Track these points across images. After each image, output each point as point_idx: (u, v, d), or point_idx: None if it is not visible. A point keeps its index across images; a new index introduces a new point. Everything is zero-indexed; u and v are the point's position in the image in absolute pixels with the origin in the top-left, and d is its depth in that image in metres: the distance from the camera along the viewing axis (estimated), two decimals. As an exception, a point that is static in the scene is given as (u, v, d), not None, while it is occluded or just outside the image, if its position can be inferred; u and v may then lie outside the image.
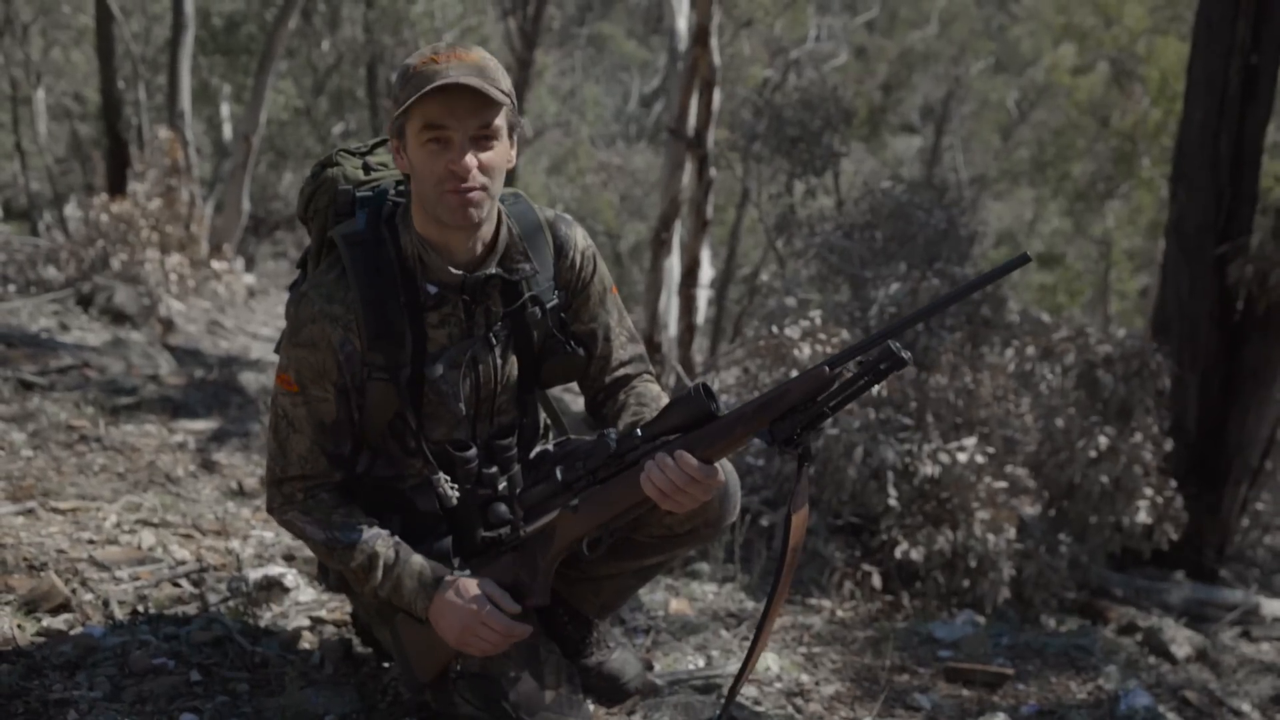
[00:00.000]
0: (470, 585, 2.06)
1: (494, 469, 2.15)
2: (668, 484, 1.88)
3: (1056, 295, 17.25)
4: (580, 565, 2.18)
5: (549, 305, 2.19)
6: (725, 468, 2.07)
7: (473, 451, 2.16)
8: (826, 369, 1.79)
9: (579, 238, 2.24)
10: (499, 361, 2.16)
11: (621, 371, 2.29)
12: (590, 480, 2.00)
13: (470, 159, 1.95)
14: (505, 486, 2.16)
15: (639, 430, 1.96)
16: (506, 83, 2.00)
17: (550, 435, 2.42)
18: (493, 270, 2.09)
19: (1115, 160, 16.44)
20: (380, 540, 2.09)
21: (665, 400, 2.25)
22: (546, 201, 15.20)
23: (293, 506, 2.13)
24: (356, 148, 2.32)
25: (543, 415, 2.37)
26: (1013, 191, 21.28)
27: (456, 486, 2.15)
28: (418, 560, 2.09)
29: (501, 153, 2.00)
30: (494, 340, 2.15)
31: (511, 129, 2.03)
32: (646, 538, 2.19)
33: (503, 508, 2.10)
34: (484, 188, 1.98)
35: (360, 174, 2.24)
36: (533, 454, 2.33)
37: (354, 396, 2.10)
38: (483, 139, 1.96)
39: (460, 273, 2.07)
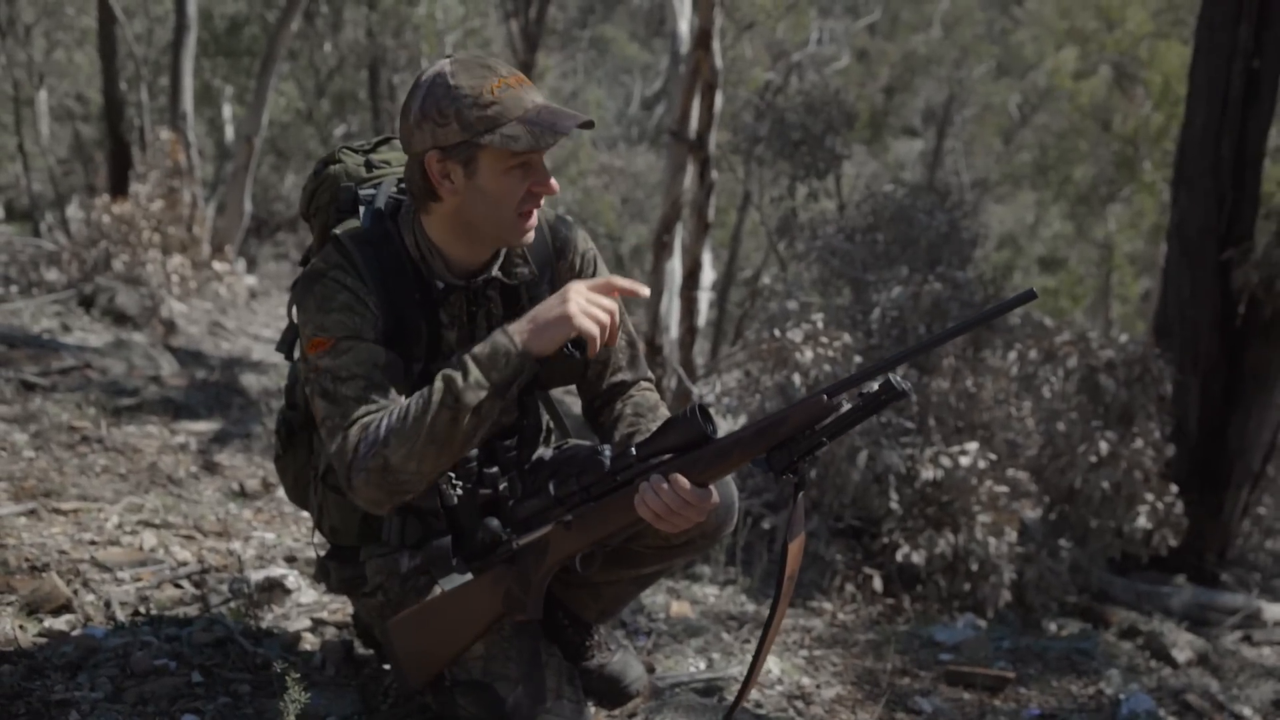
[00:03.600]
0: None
1: (494, 469, 2.15)
2: (662, 507, 1.87)
3: (1058, 299, 17.24)
4: (581, 573, 2.18)
5: None
6: (723, 480, 2.07)
7: (474, 451, 2.16)
8: (825, 398, 1.79)
9: (579, 240, 2.24)
10: None
11: (619, 377, 2.28)
12: (584, 497, 1.98)
13: (551, 178, 2.01)
14: (506, 487, 2.16)
15: (634, 449, 1.95)
16: None
17: (552, 438, 2.42)
18: (492, 275, 2.10)
19: (1117, 164, 16.45)
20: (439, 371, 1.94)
21: (662, 410, 2.25)
22: (549, 204, 15.19)
23: (369, 432, 1.91)
24: (359, 145, 2.32)
25: (545, 417, 2.37)
26: (1014, 195, 21.29)
27: (459, 485, 2.14)
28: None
29: None
30: None
31: None
32: (643, 548, 2.18)
33: (495, 521, 2.09)
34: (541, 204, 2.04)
35: (363, 171, 2.24)
36: (532, 458, 2.33)
37: None
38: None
39: (461, 281, 2.08)
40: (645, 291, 1.93)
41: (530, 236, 2.04)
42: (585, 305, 1.91)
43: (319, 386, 1.96)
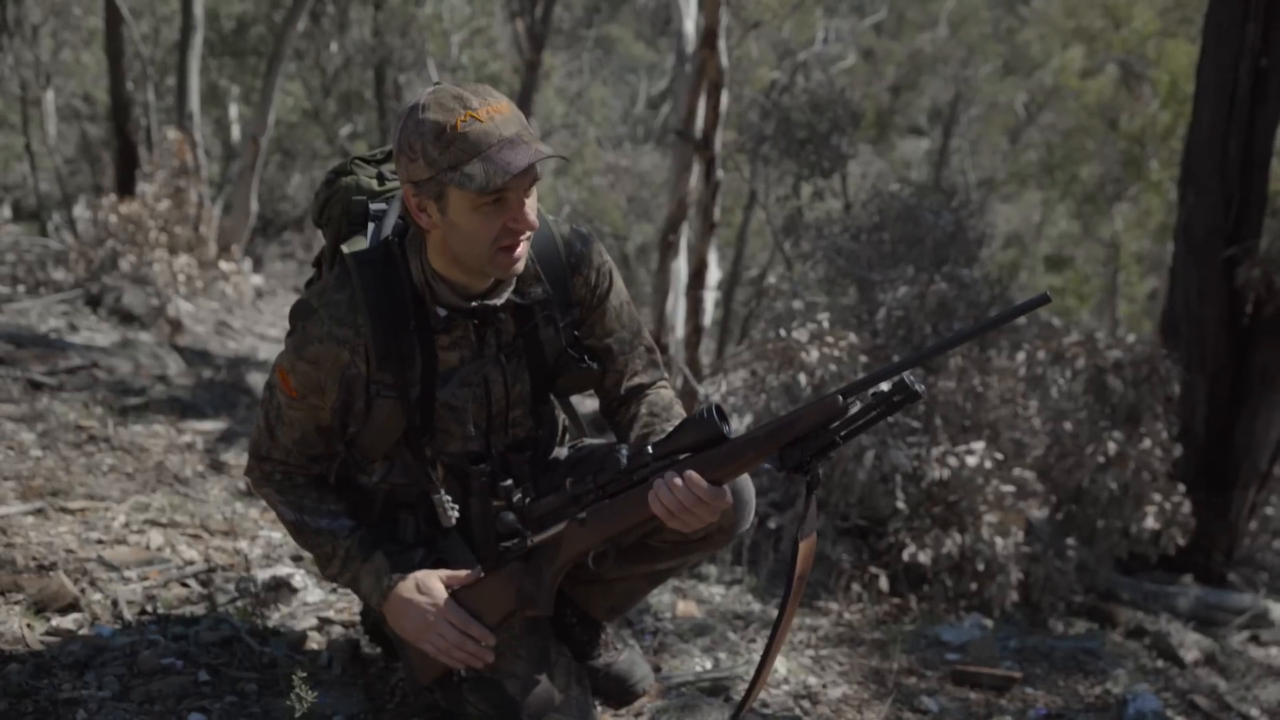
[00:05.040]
0: (430, 580, 2.10)
1: (509, 481, 2.15)
2: (676, 504, 1.88)
3: (1065, 298, 17.20)
4: (594, 570, 2.18)
5: (562, 324, 2.18)
6: (741, 477, 2.07)
7: (486, 465, 2.16)
8: (840, 398, 1.80)
9: (594, 254, 2.21)
10: (510, 380, 2.16)
11: (636, 381, 2.28)
12: (599, 495, 2.00)
13: (530, 213, 1.95)
14: (520, 498, 2.16)
15: (650, 448, 1.96)
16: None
17: (567, 437, 2.43)
18: (504, 299, 2.09)
19: (1124, 163, 16.38)
20: (346, 531, 2.14)
21: (677, 408, 2.26)
22: (554, 204, 15.19)
23: (268, 483, 2.19)
24: (372, 155, 2.31)
25: (561, 418, 2.37)
26: (1021, 194, 21.23)
27: (457, 507, 2.16)
28: (379, 557, 2.13)
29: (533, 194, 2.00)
30: (504, 361, 2.14)
31: None
32: (660, 543, 2.18)
33: (510, 516, 2.10)
34: (530, 235, 1.99)
35: (374, 184, 2.24)
36: (547, 460, 2.34)
37: (357, 413, 2.11)
38: (528, 187, 1.96)
39: (472, 304, 2.07)
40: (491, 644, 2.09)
41: (518, 268, 2.01)
42: (425, 633, 2.08)
43: (266, 407, 2.15)
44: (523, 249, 1.99)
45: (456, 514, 2.16)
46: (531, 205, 1.97)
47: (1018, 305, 1.76)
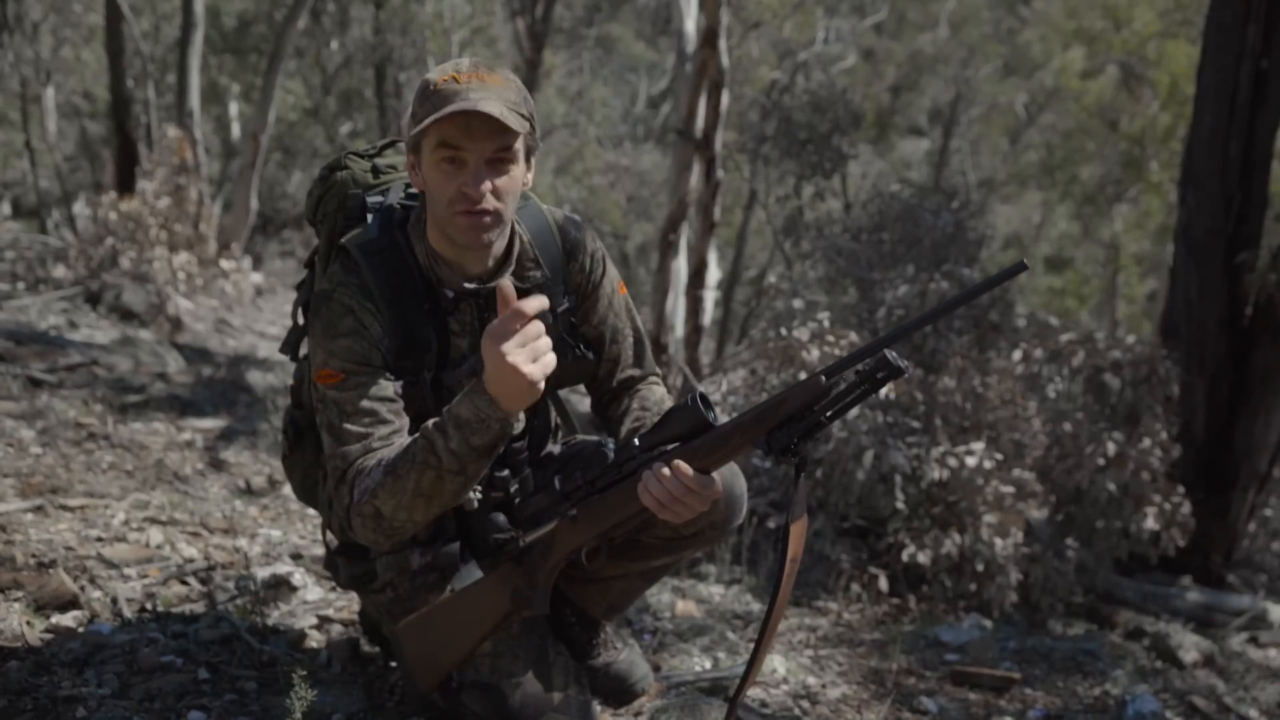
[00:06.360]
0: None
1: (505, 471, 2.15)
2: (665, 494, 1.88)
3: (1064, 299, 17.21)
4: (587, 567, 2.18)
5: (559, 310, 2.19)
6: (731, 470, 2.07)
7: None
8: (823, 378, 1.80)
9: (587, 240, 2.24)
10: None
11: (628, 373, 2.29)
12: (588, 490, 1.99)
13: (485, 184, 1.93)
14: (516, 489, 2.16)
15: (636, 440, 1.96)
16: (528, 106, 1.98)
17: (559, 434, 2.43)
18: (503, 280, 2.09)
19: (1124, 164, 16.38)
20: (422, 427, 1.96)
21: (668, 403, 2.26)
22: (554, 202, 15.18)
23: (363, 478, 1.95)
24: (365, 150, 2.32)
25: (553, 415, 2.38)
26: (1021, 195, 21.24)
27: (479, 489, 2.14)
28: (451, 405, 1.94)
29: (517, 176, 1.98)
30: None
31: (529, 152, 2.02)
32: (653, 539, 2.19)
33: (501, 517, 2.09)
34: (496, 212, 1.97)
35: (369, 177, 2.24)
36: (540, 455, 2.34)
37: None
38: (498, 162, 1.94)
39: (473, 285, 2.07)
40: (539, 304, 1.83)
41: (485, 239, 1.99)
42: (521, 351, 1.81)
43: (325, 420, 2.01)
44: (486, 223, 1.96)
45: (479, 496, 2.14)
46: (504, 186, 1.95)
47: (995, 275, 1.75)
